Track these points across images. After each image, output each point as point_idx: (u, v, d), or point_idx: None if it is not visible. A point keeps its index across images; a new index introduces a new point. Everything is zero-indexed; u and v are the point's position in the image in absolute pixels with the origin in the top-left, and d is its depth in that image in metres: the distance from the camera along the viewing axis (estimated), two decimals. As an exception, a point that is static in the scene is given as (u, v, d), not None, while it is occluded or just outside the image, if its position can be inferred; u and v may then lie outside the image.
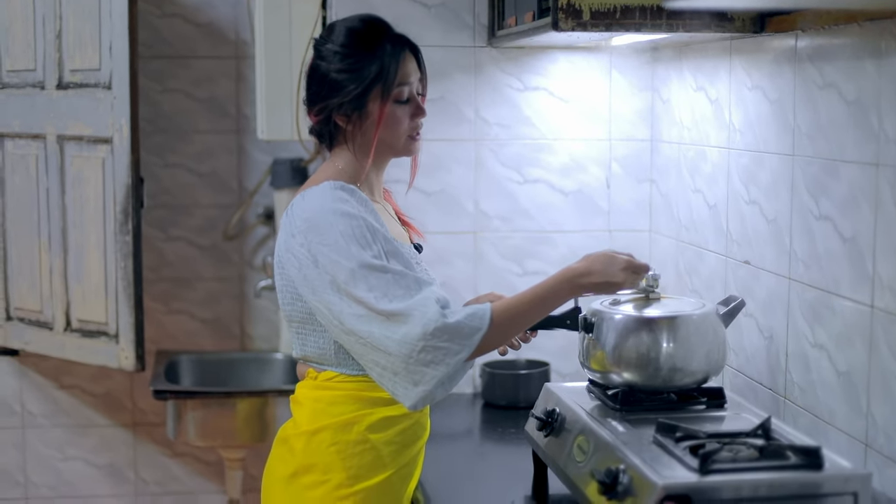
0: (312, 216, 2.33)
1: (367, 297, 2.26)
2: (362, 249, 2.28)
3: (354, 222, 2.30)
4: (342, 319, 2.29)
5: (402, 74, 2.41)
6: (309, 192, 2.38)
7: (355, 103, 2.39)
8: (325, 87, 2.41)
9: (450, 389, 2.32)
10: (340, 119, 2.42)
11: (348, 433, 2.41)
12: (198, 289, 4.63)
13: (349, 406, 2.41)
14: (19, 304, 4.35)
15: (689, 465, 2.11)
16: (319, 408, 2.43)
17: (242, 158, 4.60)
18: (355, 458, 2.40)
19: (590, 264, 2.41)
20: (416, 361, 2.25)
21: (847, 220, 2.33)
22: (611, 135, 3.49)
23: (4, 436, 4.57)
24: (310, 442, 2.42)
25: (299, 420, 2.46)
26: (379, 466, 2.42)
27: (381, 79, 2.38)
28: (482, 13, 3.40)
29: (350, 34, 2.42)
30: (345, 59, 2.39)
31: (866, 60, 2.25)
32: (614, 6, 2.68)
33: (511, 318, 2.35)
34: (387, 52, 2.40)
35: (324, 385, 2.44)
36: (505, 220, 3.49)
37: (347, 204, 2.33)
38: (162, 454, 4.64)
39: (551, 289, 2.39)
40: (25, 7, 4.17)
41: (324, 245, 2.29)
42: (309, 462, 2.42)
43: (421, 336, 2.24)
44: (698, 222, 3.13)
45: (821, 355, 2.45)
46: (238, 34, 4.53)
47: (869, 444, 2.26)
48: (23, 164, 4.26)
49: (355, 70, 2.39)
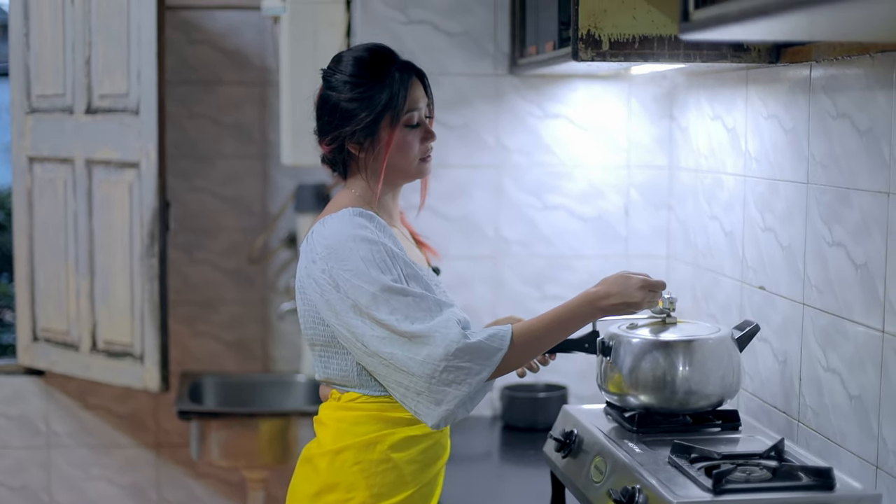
0: (333, 242, 2.38)
1: (389, 319, 2.32)
2: (382, 274, 2.34)
3: (374, 247, 2.36)
4: (365, 342, 2.35)
5: (411, 100, 2.47)
6: (329, 219, 2.44)
7: (367, 131, 2.45)
8: (337, 116, 2.46)
9: (471, 409, 2.37)
10: (353, 147, 2.48)
11: (371, 452, 2.46)
12: (222, 311, 4.70)
13: (372, 426, 2.46)
14: (46, 325, 4.43)
15: (703, 485, 2.16)
16: (343, 428, 2.48)
17: (267, 183, 4.67)
18: (378, 476, 2.45)
19: (608, 287, 2.46)
20: (439, 381, 2.31)
21: (859, 246, 2.38)
22: (629, 162, 3.55)
23: (30, 455, 4.64)
24: (334, 461, 2.47)
25: (323, 440, 2.52)
26: (401, 485, 2.47)
27: (390, 106, 2.44)
28: (503, 42, 3.47)
29: (358, 63, 2.48)
30: (355, 89, 2.45)
31: (878, 91, 2.31)
32: (633, 36, 2.74)
33: (531, 340, 2.40)
34: (395, 80, 2.45)
35: (347, 406, 2.49)
36: (525, 246, 3.54)
37: (367, 230, 2.39)
38: (185, 475, 4.70)
39: (571, 312, 2.44)
40: (56, 33, 4.26)
41: (345, 270, 2.35)
42: (333, 481, 2.47)
43: (443, 356, 2.29)
44: (715, 248, 3.18)
45: (833, 379, 2.49)
46: (263, 61, 4.61)
47: (880, 466, 2.30)
48: (51, 187, 4.34)
49: (365, 98, 2.44)
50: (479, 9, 3.47)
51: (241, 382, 4.54)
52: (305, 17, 3.76)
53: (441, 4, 3.46)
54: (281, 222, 4.64)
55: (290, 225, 4.63)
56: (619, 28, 2.72)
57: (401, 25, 3.45)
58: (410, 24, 3.45)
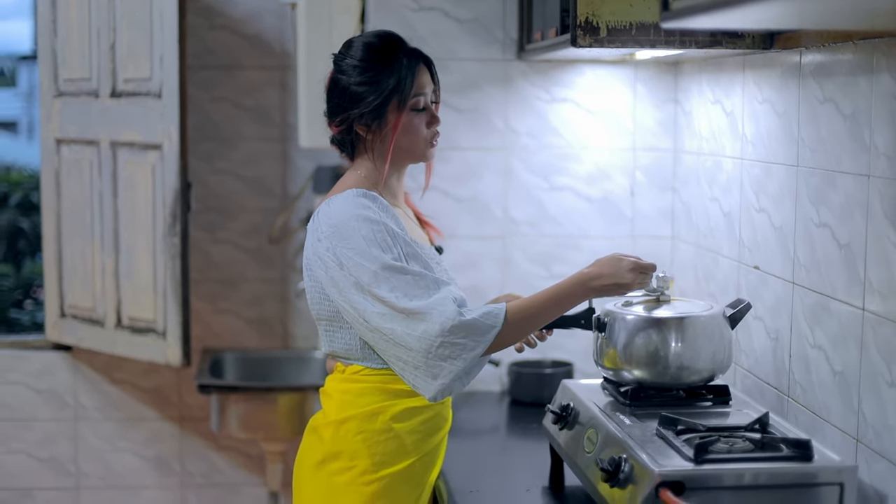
0: (337, 222, 2.49)
1: (388, 296, 2.42)
2: (383, 252, 2.44)
3: (376, 227, 2.47)
4: (366, 318, 2.45)
5: (418, 85, 2.58)
6: (334, 200, 2.55)
7: (375, 113, 2.56)
8: (346, 98, 2.58)
9: (467, 383, 2.48)
10: (361, 129, 2.59)
11: (374, 422, 2.57)
12: (243, 289, 4.82)
13: (375, 397, 2.57)
14: (73, 302, 4.56)
15: (685, 455, 2.25)
16: (347, 399, 2.59)
17: (286, 165, 4.78)
18: (380, 445, 2.56)
19: (600, 268, 2.56)
20: (435, 356, 2.41)
21: (843, 227, 2.46)
22: (635, 145, 3.64)
23: (58, 427, 4.78)
24: (338, 431, 2.58)
25: (328, 410, 2.63)
26: (402, 454, 2.58)
27: (398, 90, 2.55)
28: (512, 28, 3.56)
29: (367, 49, 2.59)
30: (364, 73, 2.56)
31: (860, 77, 2.39)
32: (630, 23, 2.82)
33: (525, 318, 2.50)
34: (403, 65, 2.56)
35: (351, 378, 2.60)
36: (533, 226, 3.64)
37: (370, 210, 2.49)
38: (207, 447, 4.83)
39: (564, 291, 2.55)
40: (81, 20, 4.38)
41: (348, 249, 2.46)
42: (337, 449, 2.58)
43: (439, 332, 2.40)
44: (714, 229, 3.26)
45: (819, 356, 2.58)
46: (283, 45, 4.72)
47: (859, 440, 2.39)
48: (77, 168, 4.47)
49: (374, 82, 2.55)
50: (489, -4, 3.57)
51: (261, 358, 4.66)
52: (321, 4, 3.85)
53: (451, -9, 3.56)
54: (300, 203, 4.76)
55: (308, 205, 4.73)
56: (616, 15, 2.80)
57: (412, 12, 3.54)
58: (421, 10, 3.54)
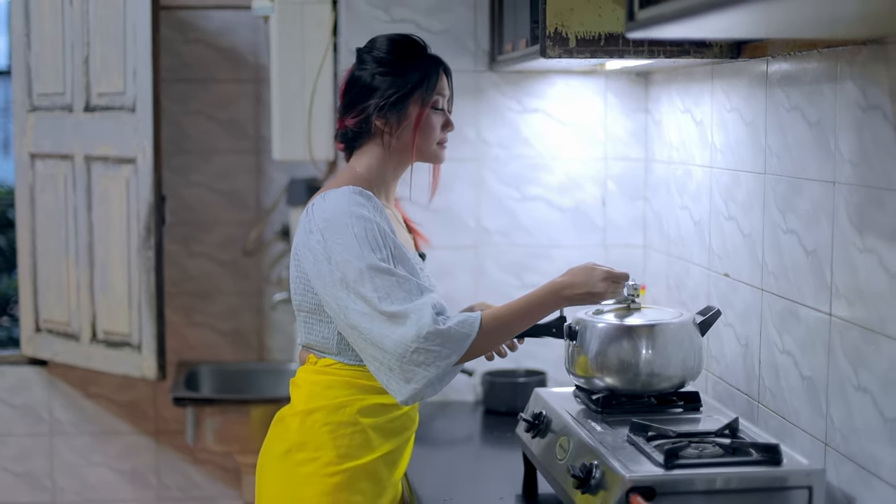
0: (331, 216, 2.51)
1: (371, 296, 2.44)
2: (372, 252, 2.46)
3: (368, 226, 2.48)
4: (347, 314, 2.47)
5: (440, 86, 2.63)
6: (329, 194, 2.56)
7: (396, 106, 2.59)
8: (367, 90, 2.61)
9: (440, 389, 2.49)
10: (379, 120, 2.61)
11: (340, 415, 2.58)
12: (218, 302, 4.83)
13: (343, 391, 2.59)
14: (48, 317, 4.56)
15: (656, 461, 2.27)
16: (316, 391, 2.61)
17: (261, 178, 4.80)
18: (345, 438, 2.58)
19: (573, 277, 2.58)
20: (409, 361, 2.42)
21: (810, 234, 2.49)
22: (606, 154, 3.66)
23: (34, 442, 4.77)
24: (304, 421, 2.60)
25: (296, 401, 2.65)
26: (367, 448, 2.59)
27: (422, 84, 2.59)
28: (483, 39, 3.59)
29: (392, 44, 2.63)
30: (388, 65, 2.60)
31: (825, 85, 2.42)
32: (599, 34, 2.84)
33: (499, 326, 2.52)
34: (426, 64, 2.62)
35: (322, 370, 2.62)
36: (505, 236, 3.66)
37: (364, 208, 2.51)
38: (183, 461, 4.83)
39: (538, 300, 2.57)
40: (55, 34, 4.39)
41: (338, 244, 2.48)
42: (302, 440, 2.59)
43: (414, 338, 2.41)
44: (685, 237, 3.29)
45: (788, 361, 2.61)
46: (257, 58, 4.74)
47: (828, 443, 2.41)
48: (52, 183, 4.47)
49: (398, 74, 2.59)
50: (460, 7, 3.58)
51: (237, 371, 4.67)
52: (293, 17, 3.87)
53: (423, 3, 3.58)
54: (274, 215, 4.77)
55: (283, 218, 4.75)
56: (585, 26, 2.83)
57: (384, 24, 3.56)
58: (393, 22, 3.56)
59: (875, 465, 2.22)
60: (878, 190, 2.19)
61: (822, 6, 1.65)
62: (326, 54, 3.88)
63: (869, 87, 2.23)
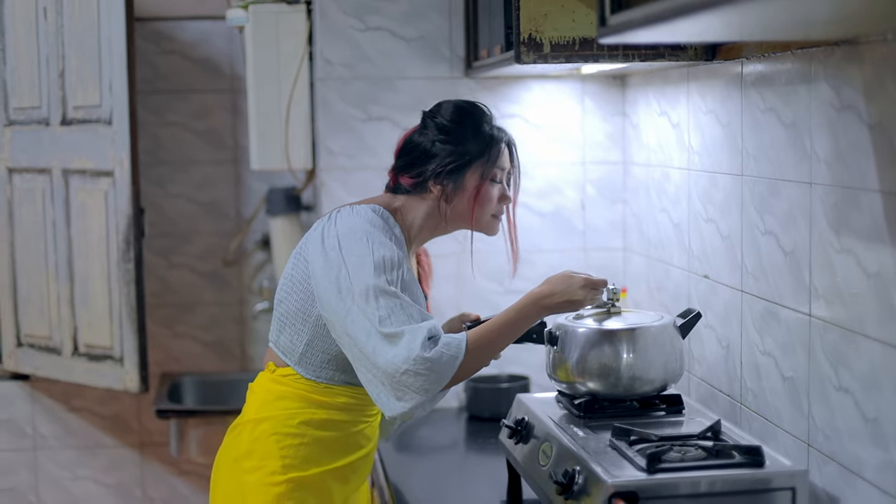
0: (353, 226, 2.54)
1: (374, 315, 2.45)
2: (383, 273, 2.48)
3: (386, 249, 2.51)
4: (346, 324, 2.48)
5: (501, 160, 2.65)
6: (358, 208, 2.60)
7: (454, 174, 2.61)
8: (426, 156, 2.63)
9: (429, 409, 2.49)
10: (434, 187, 2.63)
11: (288, 425, 2.60)
12: (199, 313, 4.82)
13: (295, 402, 2.61)
14: (29, 331, 4.54)
15: (638, 465, 2.27)
16: (268, 399, 2.64)
17: (240, 188, 4.79)
18: (291, 449, 2.60)
19: (552, 286, 2.59)
20: (399, 382, 2.43)
21: (788, 235, 2.50)
22: (584, 158, 3.66)
23: (17, 457, 4.75)
24: (254, 430, 2.62)
25: (248, 409, 2.68)
26: (312, 462, 2.61)
27: (481, 156, 2.62)
28: (458, 46, 3.59)
29: (458, 111, 2.66)
30: (450, 133, 2.63)
31: (799, 86, 2.42)
32: (573, 38, 2.85)
33: (485, 345, 2.53)
34: (489, 134, 2.64)
35: (278, 380, 2.64)
36: (486, 243, 3.63)
37: (385, 233, 2.54)
38: (168, 473, 4.81)
39: (519, 313, 2.58)
40: (30, 48, 4.37)
41: (354, 256, 2.49)
42: (250, 448, 2.62)
43: (404, 360, 2.42)
44: (665, 240, 3.29)
45: (769, 362, 2.61)
46: (233, 69, 4.72)
47: (810, 444, 2.42)
48: (30, 197, 4.45)
49: (458, 144, 2.62)
50: (435, 15, 3.58)
51: (220, 381, 4.66)
52: (268, 27, 3.86)
53: (397, 11, 3.58)
54: (254, 225, 4.76)
55: (262, 228, 4.73)
56: (559, 31, 2.83)
57: (359, 32, 3.56)
58: (368, 30, 3.56)
59: (858, 466, 2.23)
60: (854, 190, 2.20)
61: (795, 9, 1.65)
62: (302, 63, 3.88)
63: (843, 87, 2.24)
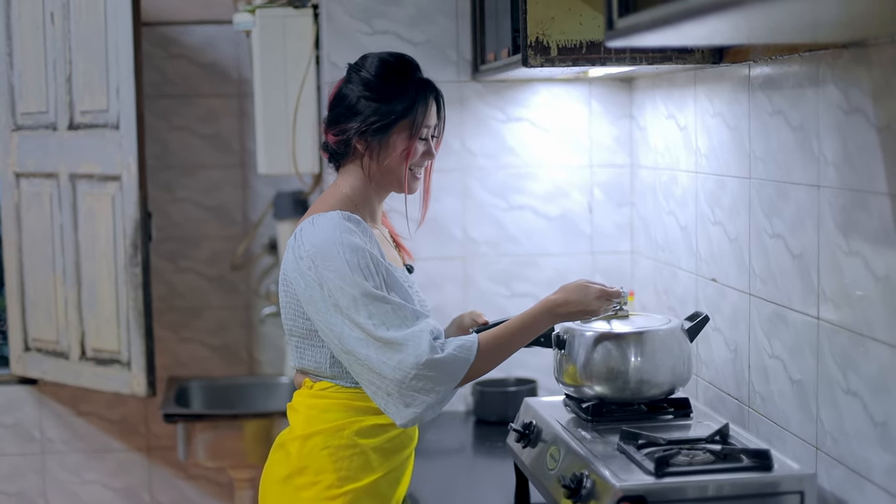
0: (321, 242, 2.49)
1: (366, 323, 2.43)
2: (365, 280, 2.45)
3: (360, 253, 2.47)
4: (342, 340, 2.46)
5: (427, 117, 2.59)
6: (318, 219, 2.53)
7: (379, 133, 2.56)
8: (351, 111, 2.57)
9: (438, 411, 2.49)
10: (360, 144, 2.59)
11: (339, 437, 2.57)
12: (207, 317, 4.82)
13: (341, 413, 2.58)
14: (37, 336, 4.54)
15: (646, 469, 2.26)
16: (313, 414, 2.61)
17: (247, 192, 4.79)
18: (345, 460, 2.57)
19: (567, 295, 2.58)
20: (408, 387, 2.42)
21: (796, 238, 2.49)
22: (592, 161, 3.66)
23: (25, 462, 4.75)
24: (304, 446, 2.59)
25: (294, 426, 2.64)
26: (367, 469, 2.59)
27: (408, 115, 2.55)
28: (465, 49, 3.59)
29: (382, 66, 2.59)
30: (374, 90, 2.56)
31: (807, 88, 2.42)
32: (580, 42, 2.84)
33: (496, 348, 2.52)
34: (415, 92, 2.57)
35: (318, 394, 2.61)
36: (492, 246, 3.65)
37: (354, 235, 2.49)
38: (176, 477, 4.81)
39: (533, 318, 2.57)
40: (37, 53, 4.37)
41: (330, 271, 2.46)
42: (303, 464, 2.59)
43: (413, 365, 2.41)
44: (672, 243, 3.29)
45: (777, 365, 2.61)
46: (240, 73, 4.73)
47: (818, 447, 2.41)
48: (37, 201, 4.46)
49: (383, 101, 2.55)
50: (442, 18, 3.58)
51: (227, 385, 4.65)
52: (275, 31, 3.86)
53: (404, 15, 3.57)
54: (261, 229, 4.76)
55: (270, 232, 4.74)
56: (566, 34, 2.83)
57: (366, 36, 3.56)
58: (375, 34, 3.56)
59: (866, 469, 2.22)
60: (862, 193, 2.19)
61: (803, 12, 1.64)
62: (309, 67, 3.88)
63: (851, 89, 2.23)
